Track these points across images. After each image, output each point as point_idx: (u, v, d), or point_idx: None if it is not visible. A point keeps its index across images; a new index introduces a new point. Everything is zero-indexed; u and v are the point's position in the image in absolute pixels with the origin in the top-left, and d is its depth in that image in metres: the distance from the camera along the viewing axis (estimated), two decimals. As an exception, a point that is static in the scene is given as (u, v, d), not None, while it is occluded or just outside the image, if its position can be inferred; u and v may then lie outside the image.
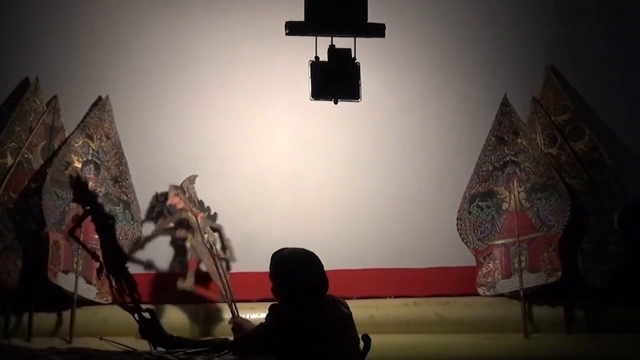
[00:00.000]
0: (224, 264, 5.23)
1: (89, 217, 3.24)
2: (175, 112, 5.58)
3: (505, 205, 5.25)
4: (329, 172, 5.50)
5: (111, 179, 5.31)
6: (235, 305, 4.56)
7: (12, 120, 5.26)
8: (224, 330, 4.85)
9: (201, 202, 5.38)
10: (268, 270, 3.44)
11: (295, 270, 3.34)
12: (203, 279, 5.19)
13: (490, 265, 5.22)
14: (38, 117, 5.31)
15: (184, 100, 5.57)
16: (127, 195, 5.33)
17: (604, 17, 5.68)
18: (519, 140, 5.30)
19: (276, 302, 3.34)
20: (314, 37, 4.23)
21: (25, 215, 5.14)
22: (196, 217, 5.21)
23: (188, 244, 5.21)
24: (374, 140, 5.58)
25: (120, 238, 5.24)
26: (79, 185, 3.19)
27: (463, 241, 5.28)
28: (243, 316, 5.10)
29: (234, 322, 3.78)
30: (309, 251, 3.43)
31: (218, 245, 5.30)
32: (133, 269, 4.53)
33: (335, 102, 4.29)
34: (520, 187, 5.23)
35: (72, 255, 5.04)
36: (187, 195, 5.28)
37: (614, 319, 5.08)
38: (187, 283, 5.14)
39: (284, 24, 4.22)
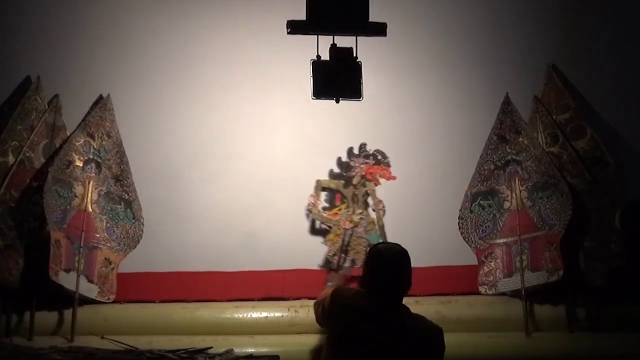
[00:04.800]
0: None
1: None
2: (177, 111, 5.58)
3: (506, 204, 5.25)
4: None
5: (112, 178, 5.31)
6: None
7: (13, 119, 5.26)
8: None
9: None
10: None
11: (365, 262, 3.51)
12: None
13: (492, 264, 5.22)
14: (39, 115, 5.32)
15: (185, 98, 5.58)
16: (128, 194, 5.33)
17: (605, 15, 5.68)
18: (520, 139, 5.30)
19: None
20: (316, 36, 4.23)
21: (27, 214, 5.13)
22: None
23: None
24: (375, 139, 5.57)
25: (122, 237, 5.27)
26: None
27: (465, 240, 5.27)
28: (243, 316, 5.17)
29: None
30: (388, 248, 3.48)
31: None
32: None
33: (337, 101, 4.29)
34: (521, 186, 5.23)
35: (74, 254, 5.04)
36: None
37: (615, 317, 5.08)
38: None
39: (286, 22, 4.22)
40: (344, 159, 5.44)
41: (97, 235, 5.19)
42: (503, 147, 5.32)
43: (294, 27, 4.21)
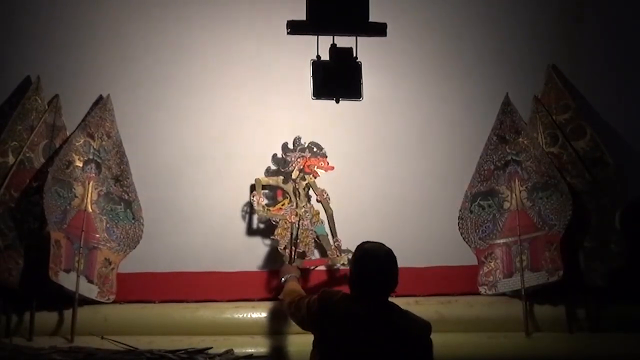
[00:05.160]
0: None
1: None
2: (177, 111, 5.57)
3: (506, 205, 5.25)
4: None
5: (112, 178, 5.31)
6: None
7: (13, 119, 5.26)
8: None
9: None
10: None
11: (354, 264, 3.47)
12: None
13: (492, 264, 5.22)
14: (39, 116, 5.31)
15: (185, 99, 5.57)
16: (128, 194, 5.32)
17: (605, 15, 5.68)
18: (520, 139, 5.30)
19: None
20: (316, 36, 4.23)
21: (27, 214, 5.13)
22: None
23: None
24: (375, 140, 5.58)
25: (122, 237, 5.26)
26: None
27: (464, 240, 5.27)
28: (243, 316, 5.17)
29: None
30: (375, 248, 3.47)
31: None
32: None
33: (337, 102, 4.29)
34: (521, 186, 5.23)
35: (74, 254, 5.04)
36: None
37: (615, 318, 5.08)
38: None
39: (286, 23, 4.22)
40: (279, 155, 5.42)
41: (97, 235, 5.19)
42: (503, 147, 5.32)
43: (294, 27, 4.21)
